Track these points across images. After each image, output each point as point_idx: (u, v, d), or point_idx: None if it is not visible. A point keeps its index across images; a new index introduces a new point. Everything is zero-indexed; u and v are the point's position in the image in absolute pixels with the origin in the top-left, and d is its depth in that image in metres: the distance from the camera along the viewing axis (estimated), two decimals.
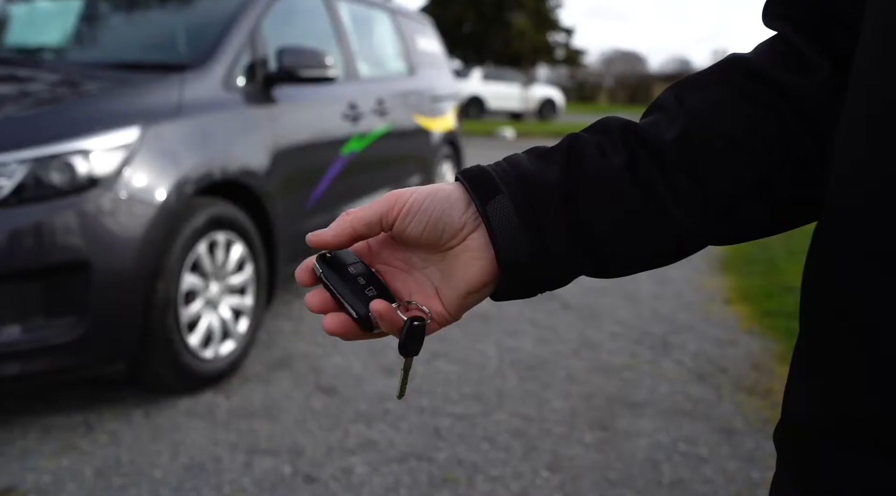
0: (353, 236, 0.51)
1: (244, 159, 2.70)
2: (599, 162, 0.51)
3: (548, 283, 0.52)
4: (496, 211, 0.50)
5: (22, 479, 1.98)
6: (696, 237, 0.52)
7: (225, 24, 2.89)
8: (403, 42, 4.67)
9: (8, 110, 2.23)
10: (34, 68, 2.84)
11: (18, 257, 2.02)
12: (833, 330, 0.41)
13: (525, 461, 2.16)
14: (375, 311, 0.49)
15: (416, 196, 0.51)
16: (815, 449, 0.42)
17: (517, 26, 32.51)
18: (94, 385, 2.54)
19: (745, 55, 0.54)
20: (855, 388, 0.39)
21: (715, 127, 0.51)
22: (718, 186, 0.50)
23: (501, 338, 3.19)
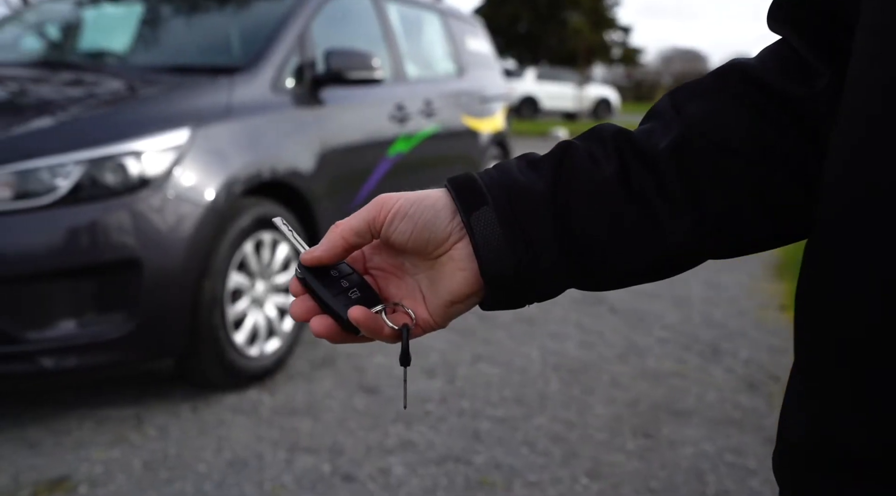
0: (345, 247, 0.51)
1: (291, 160, 2.75)
2: (590, 171, 0.49)
3: (535, 295, 0.51)
4: (480, 222, 0.48)
5: (75, 469, 2.05)
6: (691, 250, 0.50)
7: (274, 28, 2.95)
8: (453, 43, 4.68)
9: (68, 113, 2.32)
10: (97, 72, 2.95)
11: (74, 255, 2.09)
12: (826, 355, 0.39)
13: (564, 467, 2.13)
14: (353, 319, 0.49)
15: (402, 202, 0.50)
16: (813, 476, 0.41)
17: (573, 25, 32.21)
18: (145, 380, 2.61)
19: (747, 61, 0.52)
20: (849, 415, 0.37)
21: (710, 135, 0.49)
22: (713, 197, 0.48)
23: (545, 340, 3.16)
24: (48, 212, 2.07)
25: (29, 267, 2.04)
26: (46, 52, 3.56)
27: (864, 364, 0.36)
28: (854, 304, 0.37)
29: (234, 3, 3.43)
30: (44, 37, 3.69)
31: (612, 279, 0.51)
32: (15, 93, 2.62)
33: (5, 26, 3.68)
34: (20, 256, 2.04)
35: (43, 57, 3.43)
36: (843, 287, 0.38)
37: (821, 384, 0.40)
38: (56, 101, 2.46)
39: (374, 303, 0.51)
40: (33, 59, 3.32)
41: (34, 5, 3.89)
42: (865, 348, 0.36)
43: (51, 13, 3.76)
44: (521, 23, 32.95)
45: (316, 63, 3.02)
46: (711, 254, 0.52)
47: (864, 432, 0.37)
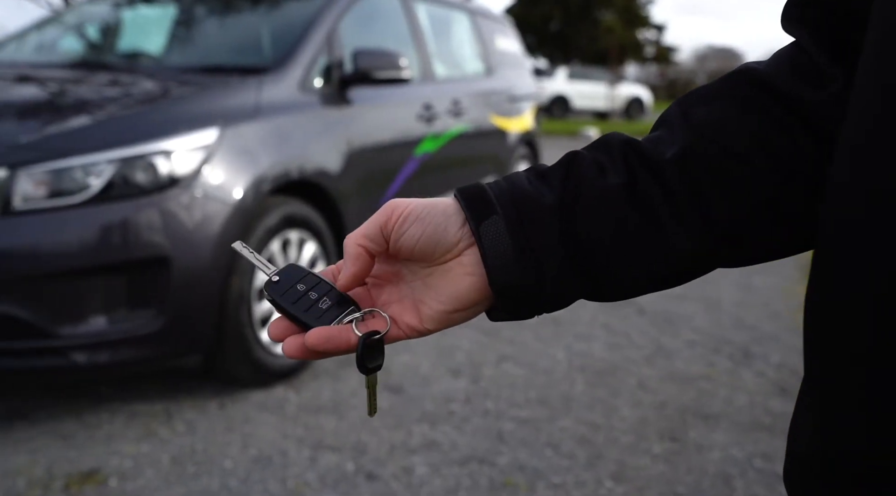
0: (367, 255, 0.51)
1: (319, 159, 2.77)
2: (597, 181, 0.49)
3: (544, 305, 0.51)
4: (489, 231, 0.49)
5: (106, 462, 2.09)
6: (700, 259, 0.50)
7: (303, 29, 2.97)
8: (482, 42, 4.67)
9: (101, 113, 2.36)
10: (132, 73, 3.00)
11: (105, 252, 2.13)
12: (834, 364, 0.38)
13: (589, 469, 2.11)
14: (311, 345, 0.48)
15: (413, 205, 0.51)
16: (821, 486, 0.40)
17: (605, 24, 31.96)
18: (174, 376, 2.65)
19: (757, 65, 0.51)
20: (858, 426, 0.36)
21: (718, 143, 0.48)
22: (722, 206, 0.48)
23: (572, 342, 3.13)
24: (81, 210, 2.11)
25: (62, 264, 2.08)
26: (84, 54, 3.63)
27: (873, 374, 0.35)
28: (860, 313, 0.36)
29: (265, 4, 3.46)
30: (82, 38, 3.77)
31: (620, 288, 0.51)
32: (52, 93, 2.68)
33: (45, 28, 3.77)
34: (54, 253, 2.08)
35: (81, 58, 3.51)
36: (849, 295, 0.37)
37: (829, 394, 0.39)
38: (91, 101, 2.51)
39: (347, 307, 0.51)
40: (71, 60, 3.39)
41: (72, 7, 3.98)
42: (873, 358, 0.35)
43: (88, 15, 3.84)
44: (552, 22, 32.80)
45: (344, 63, 3.04)
46: (723, 263, 0.51)
47: (873, 443, 0.36)
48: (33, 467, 2.04)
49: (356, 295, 0.53)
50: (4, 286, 2.05)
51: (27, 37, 3.66)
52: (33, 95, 2.65)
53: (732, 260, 0.51)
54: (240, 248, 0.56)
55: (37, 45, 3.60)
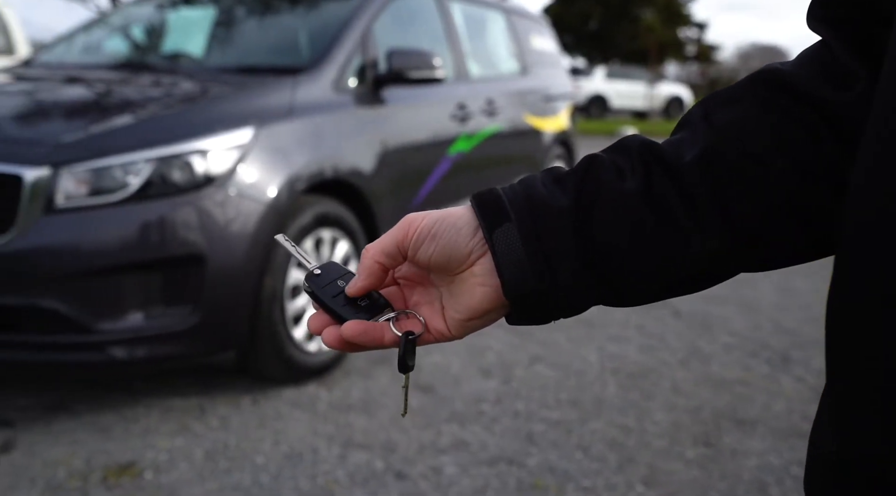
0: (382, 270, 0.52)
1: (352, 159, 2.78)
2: (614, 184, 0.48)
3: (560, 310, 0.50)
4: (502, 238, 0.48)
5: (142, 456, 2.13)
6: (720, 263, 0.48)
7: (338, 29, 2.99)
8: (517, 41, 4.65)
9: (141, 114, 2.42)
10: (173, 74, 3.06)
11: (143, 249, 2.18)
12: (853, 368, 0.37)
13: (619, 473, 2.08)
14: (347, 336, 0.49)
15: (426, 221, 0.51)
16: (842, 491, 0.39)
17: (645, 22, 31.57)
18: (209, 372, 2.70)
19: (781, 66, 0.50)
20: (878, 432, 0.35)
21: (739, 145, 0.47)
22: (742, 209, 0.46)
23: (605, 343, 3.10)
24: (120, 208, 2.16)
25: (102, 261, 2.13)
26: (128, 55, 3.71)
27: (889, 377, 0.34)
28: (874, 316, 0.34)
29: (301, 6, 3.50)
30: (126, 40, 3.86)
31: (638, 293, 0.50)
32: (95, 94, 2.74)
33: (92, 29, 3.86)
34: (94, 250, 2.13)
35: (125, 59, 3.58)
36: (863, 298, 0.35)
37: (847, 397, 0.38)
38: (131, 101, 2.57)
39: (383, 308, 0.52)
40: (116, 62, 3.47)
41: (117, 9, 4.07)
42: (889, 361, 0.34)
43: (132, 16, 3.92)
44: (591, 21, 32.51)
45: (378, 63, 3.05)
46: (747, 267, 0.50)
47: (890, 447, 0.35)
48: (73, 458, 2.09)
49: (389, 293, 0.55)
50: (47, 282, 2.10)
51: (75, 38, 3.76)
52: (77, 96, 2.72)
53: (754, 263, 0.50)
54: (282, 241, 0.57)
55: (83, 47, 3.69)
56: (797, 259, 0.50)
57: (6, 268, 2.10)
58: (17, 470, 2.01)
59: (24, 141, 2.25)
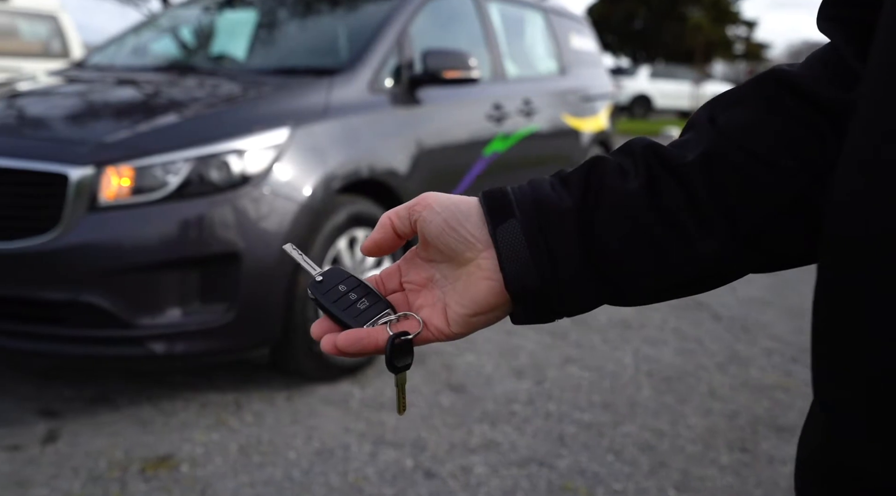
0: (393, 228, 0.54)
1: (387, 159, 2.80)
2: (617, 184, 0.49)
3: (564, 309, 0.51)
4: (506, 234, 0.49)
5: (179, 449, 2.18)
6: (725, 264, 0.48)
7: (374, 31, 3.02)
8: (556, 41, 4.62)
9: (182, 114, 2.47)
10: (215, 76, 3.13)
11: (181, 247, 2.23)
12: (836, 372, 0.37)
13: (651, 477, 2.06)
14: (341, 347, 0.51)
15: (440, 198, 0.53)
16: (826, 493, 0.39)
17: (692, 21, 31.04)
18: (246, 368, 2.75)
19: (789, 68, 0.49)
20: (863, 436, 0.35)
21: (743, 146, 0.47)
22: (745, 210, 0.46)
23: (640, 346, 3.06)
24: (159, 206, 2.22)
25: (142, 257, 2.19)
26: (174, 57, 3.80)
27: (877, 386, 0.34)
28: (862, 330, 0.34)
29: (339, 9, 3.54)
30: (172, 42, 3.96)
31: (642, 293, 0.50)
32: (139, 95, 2.82)
33: (140, 32, 3.97)
34: (134, 247, 2.19)
35: (170, 61, 3.67)
36: (848, 307, 0.35)
37: (833, 401, 0.38)
38: (172, 103, 2.63)
39: (383, 309, 0.54)
40: (162, 64, 3.56)
41: (163, 13, 4.18)
42: (877, 370, 0.34)
43: (178, 20, 4.02)
44: (636, 20, 32.11)
45: (414, 63, 3.07)
46: (751, 268, 0.50)
47: (878, 454, 0.34)
48: (114, 450, 2.15)
49: (394, 299, 0.56)
50: (90, 278, 2.17)
51: (123, 41, 3.87)
52: (122, 97, 2.80)
53: (761, 264, 0.50)
54: (290, 250, 0.60)
55: (132, 49, 3.80)
56: (802, 261, 0.50)
57: (52, 264, 2.17)
58: (61, 459, 2.08)
59: (70, 141, 2.32)
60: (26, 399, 2.42)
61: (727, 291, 3.89)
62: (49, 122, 2.51)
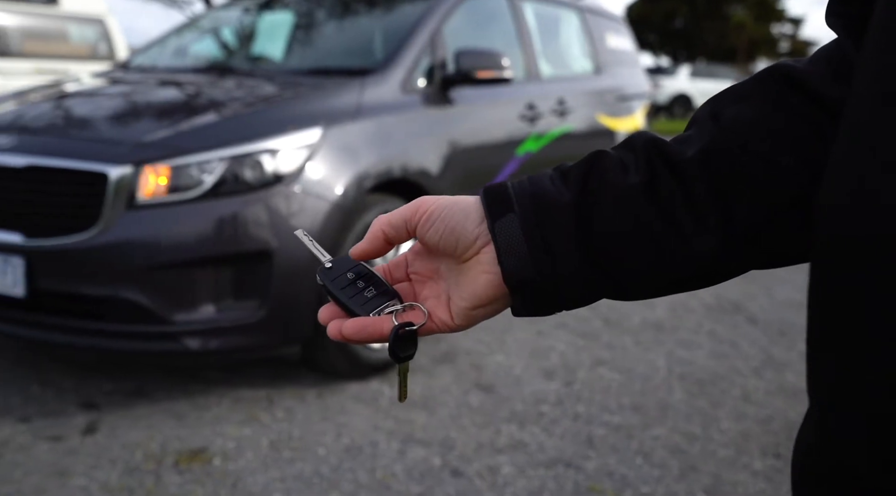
0: (385, 239, 0.54)
1: (420, 158, 2.82)
2: (617, 179, 0.48)
3: (562, 302, 0.51)
4: (504, 228, 0.50)
5: (212, 443, 2.23)
6: (724, 262, 0.48)
7: (406, 32, 3.04)
8: (591, 40, 4.59)
9: (216, 115, 2.52)
10: (253, 77, 3.18)
11: (215, 245, 2.27)
12: (826, 373, 0.37)
13: (681, 481, 2.03)
14: (346, 336, 0.51)
15: (437, 204, 0.53)
16: (820, 492, 0.39)
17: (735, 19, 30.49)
18: (278, 365, 2.79)
19: (794, 63, 0.49)
20: (857, 437, 0.35)
21: (742, 141, 0.46)
22: (744, 207, 0.46)
23: (674, 348, 3.02)
24: (194, 205, 2.26)
25: (177, 255, 2.24)
26: (213, 58, 3.88)
27: (877, 385, 0.33)
28: (863, 329, 0.34)
29: (373, 11, 3.56)
30: (211, 44, 4.04)
31: (640, 288, 0.50)
32: (178, 96, 2.88)
33: (182, 34, 4.06)
34: (170, 245, 2.24)
35: (209, 62, 3.75)
36: (848, 307, 0.35)
37: (827, 403, 0.38)
38: (209, 103, 2.68)
39: (389, 299, 0.54)
40: (202, 65, 3.64)
41: (203, 15, 4.26)
42: (877, 369, 0.33)
43: (218, 21, 4.10)
44: (677, 19, 31.66)
45: (447, 63, 3.08)
46: (752, 265, 0.49)
47: (879, 454, 0.34)
48: (150, 442, 2.20)
49: (401, 289, 0.57)
50: (128, 274, 2.23)
51: (166, 42, 3.96)
52: (161, 98, 2.86)
53: (761, 262, 0.49)
54: (301, 236, 0.60)
55: (173, 51, 3.89)
56: (803, 258, 0.49)
57: (92, 261, 2.23)
58: (100, 450, 2.14)
59: (111, 140, 2.39)
60: (68, 391, 2.49)
61: (764, 294, 3.81)
62: (91, 122, 2.58)
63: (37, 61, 7.13)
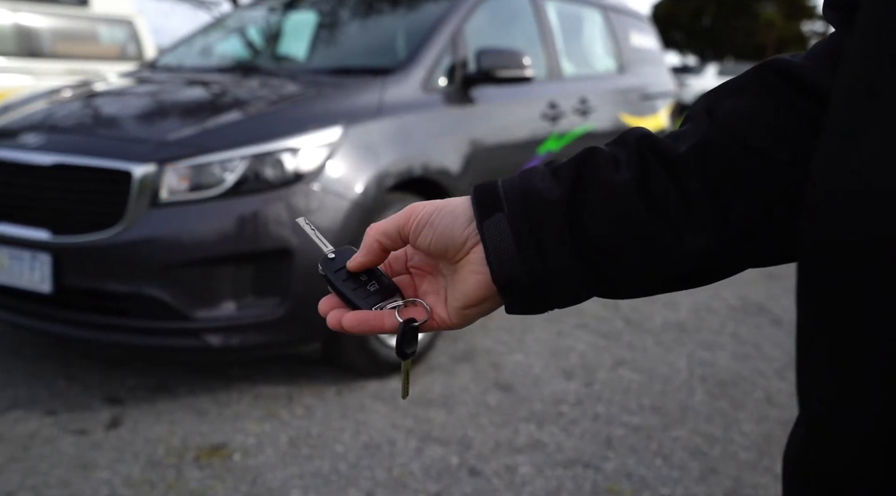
0: (381, 249, 0.54)
1: (440, 157, 2.82)
2: (609, 176, 0.47)
3: (553, 301, 0.50)
4: (492, 228, 0.49)
5: (232, 439, 2.25)
6: (719, 259, 0.47)
7: (427, 32, 3.04)
8: (615, 39, 4.55)
9: (238, 114, 2.55)
10: (277, 76, 3.21)
11: (236, 243, 2.29)
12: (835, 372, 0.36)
13: (701, 483, 2.01)
14: (346, 327, 0.51)
15: (427, 209, 0.52)
16: (807, 491, 0.39)
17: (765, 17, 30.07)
18: (298, 362, 2.81)
19: (791, 58, 0.48)
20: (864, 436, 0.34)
21: (736, 136, 0.45)
22: (738, 203, 0.45)
23: (695, 349, 2.99)
24: (216, 203, 2.29)
25: (199, 252, 2.26)
26: (238, 58, 3.92)
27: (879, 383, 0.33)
28: (862, 327, 0.33)
29: (395, 10, 3.57)
30: (237, 44, 4.08)
31: (632, 286, 0.49)
32: (202, 95, 2.91)
33: (208, 33, 4.10)
34: (193, 242, 2.27)
35: (234, 62, 3.79)
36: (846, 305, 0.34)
37: (818, 402, 0.37)
38: (232, 103, 2.70)
39: (391, 294, 0.53)
40: (227, 64, 3.68)
41: (228, 15, 4.30)
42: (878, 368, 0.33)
43: (243, 21, 4.14)
44: (704, 17, 31.30)
45: (468, 62, 3.08)
46: (747, 264, 0.48)
47: (878, 453, 0.34)
48: (171, 437, 2.23)
49: (400, 282, 0.56)
50: (151, 271, 2.26)
51: (192, 42, 4.01)
52: (186, 97, 2.90)
53: (753, 260, 0.48)
54: (303, 224, 0.60)
55: (199, 50, 3.93)
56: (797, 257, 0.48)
57: (116, 258, 2.27)
58: (123, 444, 2.17)
59: (135, 139, 2.42)
60: (93, 386, 2.53)
61: (788, 295, 3.75)
62: (117, 121, 2.62)
63: (68, 62, 7.26)
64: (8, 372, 2.61)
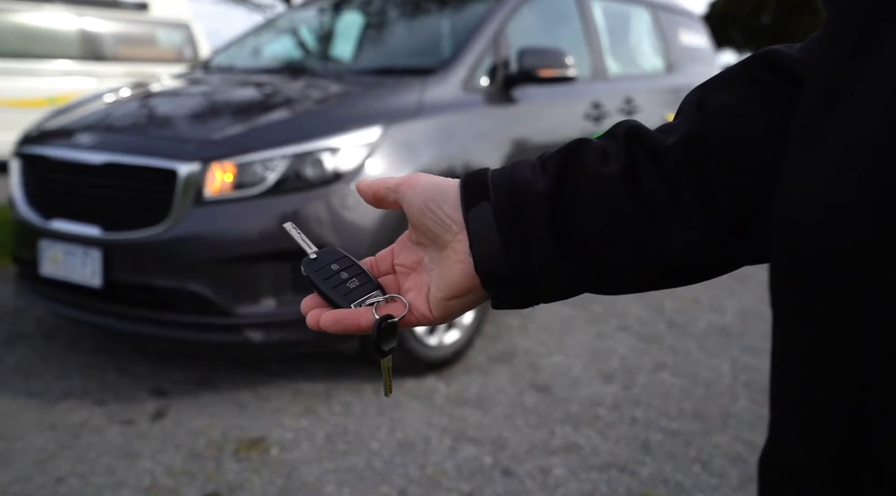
0: (384, 189, 0.54)
1: (480, 157, 2.82)
2: (596, 168, 0.46)
3: (539, 295, 0.49)
4: (477, 218, 0.48)
5: (270, 433, 2.29)
6: (709, 254, 0.45)
7: (469, 32, 3.04)
8: (663, 38, 4.47)
9: (281, 114, 2.59)
10: (322, 77, 3.25)
11: (277, 240, 2.34)
12: (780, 381, 0.35)
13: (740, 491, 1.96)
14: (325, 327, 0.51)
15: (423, 180, 0.52)
16: (777, 491, 0.39)
17: None
18: (338, 359, 2.84)
19: (785, 49, 0.46)
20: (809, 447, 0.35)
21: (726, 130, 0.44)
22: (726, 197, 0.44)
23: (739, 354, 2.91)
24: (257, 201, 2.34)
25: (242, 250, 2.32)
26: (286, 59, 3.99)
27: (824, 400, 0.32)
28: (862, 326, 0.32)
29: (439, 10, 3.59)
30: (286, 44, 4.15)
31: (621, 282, 0.48)
32: (248, 96, 2.97)
33: (259, 34, 4.19)
34: (235, 240, 2.32)
35: (283, 63, 3.85)
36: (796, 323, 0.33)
37: (777, 407, 0.38)
38: (276, 103, 2.75)
39: (371, 290, 0.54)
40: (275, 65, 3.74)
41: (277, 17, 4.38)
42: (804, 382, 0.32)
43: (292, 23, 4.21)
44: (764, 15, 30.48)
45: (509, 62, 3.07)
46: (746, 260, 0.47)
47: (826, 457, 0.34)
48: (212, 430, 2.29)
49: (386, 282, 0.56)
50: (196, 267, 2.32)
51: (243, 43, 4.10)
52: (232, 97, 2.96)
53: (746, 256, 0.46)
54: (289, 228, 0.61)
55: (250, 51, 4.02)
56: None
57: (162, 254, 2.34)
58: (166, 435, 2.23)
59: (182, 138, 2.49)
60: (141, 378, 2.61)
61: None
62: (166, 120, 2.70)
63: (128, 65, 7.52)
64: (63, 364, 2.72)
